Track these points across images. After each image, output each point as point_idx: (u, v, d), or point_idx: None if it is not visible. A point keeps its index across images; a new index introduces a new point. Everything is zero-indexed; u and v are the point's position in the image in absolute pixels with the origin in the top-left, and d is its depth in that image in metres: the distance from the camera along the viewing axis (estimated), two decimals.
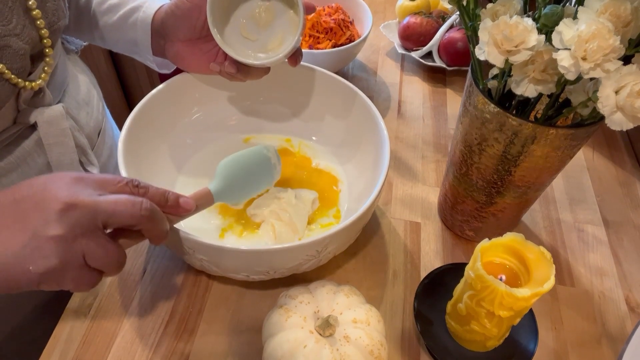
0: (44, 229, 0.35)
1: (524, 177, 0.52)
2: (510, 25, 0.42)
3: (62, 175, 0.38)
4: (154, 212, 0.39)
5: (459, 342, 0.52)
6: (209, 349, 0.53)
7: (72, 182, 0.37)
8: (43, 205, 0.36)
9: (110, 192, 0.39)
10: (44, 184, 0.37)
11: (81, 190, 0.37)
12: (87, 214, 0.36)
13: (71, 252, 0.36)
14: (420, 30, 0.88)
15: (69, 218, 0.35)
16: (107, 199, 0.37)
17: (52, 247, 0.35)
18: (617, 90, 0.39)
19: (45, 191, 0.36)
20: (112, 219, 0.37)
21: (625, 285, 0.61)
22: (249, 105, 0.69)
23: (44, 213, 0.35)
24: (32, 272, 0.35)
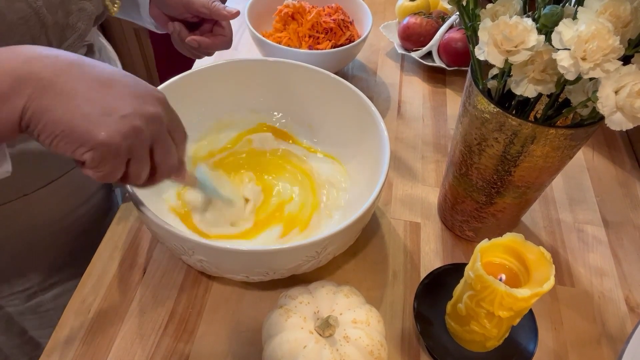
0: (139, 106, 0.35)
1: (524, 177, 0.52)
2: (510, 26, 0.42)
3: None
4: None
5: (458, 342, 0.52)
6: (209, 349, 0.53)
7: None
8: (137, 88, 0.36)
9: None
10: (136, 77, 0.38)
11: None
12: (171, 112, 0.39)
13: (146, 139, 0.36)
14: (420, 31, 0.88)
15: (164, 107, 0.37)
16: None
17: (135, 126, 0.34)
18: (617, 91, 0.39)
19: (136, 80, 0.37)
20: (178, 128, 0.40)
21: (625, 286, 0.61)
22: (249, 105, 0.69)
23: (138, 93, 0.36)
24: (95, 137, 0.33)
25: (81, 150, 0.33)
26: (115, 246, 0.60)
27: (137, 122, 0.35)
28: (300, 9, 0.82)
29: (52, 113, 0.32)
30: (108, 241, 0.61)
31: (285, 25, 0.83)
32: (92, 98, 0.33)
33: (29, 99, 0.32)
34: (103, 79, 0.34)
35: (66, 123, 0.32)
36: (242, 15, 0.82)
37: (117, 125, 0.34)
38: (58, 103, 0.32)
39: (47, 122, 0.32)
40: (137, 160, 0.36)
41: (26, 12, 0.45)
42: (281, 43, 0.80)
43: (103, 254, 0.60)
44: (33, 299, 0.69)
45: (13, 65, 0.32)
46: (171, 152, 0.39)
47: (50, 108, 0.32)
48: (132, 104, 0.35)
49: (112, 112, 0.34)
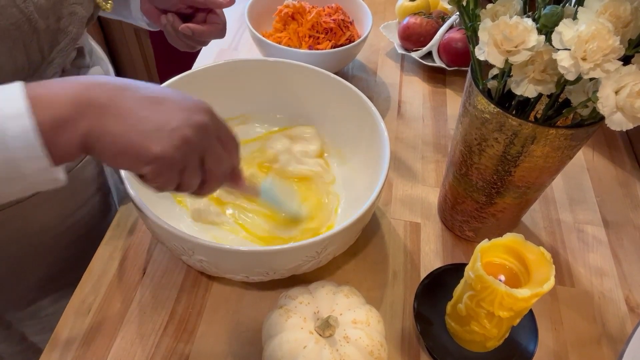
0: (186, 118, 0.37)
1: (524, 177, 0.52)
2: (510, 26, 0.42)
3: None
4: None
5: (458, 342, 0.52)
6: (209, 349, 0.53)
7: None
8: (185, 102, 0.38)
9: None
10: (183, 93, 0.40)
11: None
12: (219, 122, 0.40)
13: (196, 148, 0.38)
14: (420, 31, 0.88)
15: (210, 117, 0.39)
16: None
17: (185, 136, 0.36)
18: (617, 91, 0.39)
19: (183, 95, 0.39)
20: (227, 136, 0.41)
21: (625, 286, 0.61)
22: (249, 106, 0.69)
23: (186, 106, 0.38)
24: (151, 151, 0.35)
25: (140, 165, 0.36)
26: (115, 246, 0.60)
27: (186, 133, 0.37)
28: (300, 9, 0.82)
29: (111, 134, 0.35)
30: (108, 241, 0.61)
31: (285, 25, 0.83)
32: (145, 116, 0.36)
33: (90, 123, 0.34)
34: (153, 98, 0.37)
35: (124, 141, 0.35)
36: (242, 15, 0.82)
37: (169, 139, 0.36)
38: (115, 124, 0.35)
39: (108, 143, 0.35)
40: (189, 169, 0.38)
41: (18, 17, 0.45)
42: (281, 43, 0.80)
43: (103, 254, 0.60)
44: (32, 304, 0.68)
45: (75, 92, 0.34)
46: (221, 159, 0.41)
47: (109, 129, 0.35)
48: (180, 117, 0.37)
49: (163, 127, 0.36)
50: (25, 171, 0.33)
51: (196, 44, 0.62)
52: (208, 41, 0.63)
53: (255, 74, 0.66)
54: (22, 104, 0.32)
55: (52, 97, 0.34)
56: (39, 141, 0.32)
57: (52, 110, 0.33)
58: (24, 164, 0.33)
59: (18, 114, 0.32)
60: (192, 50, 0.65)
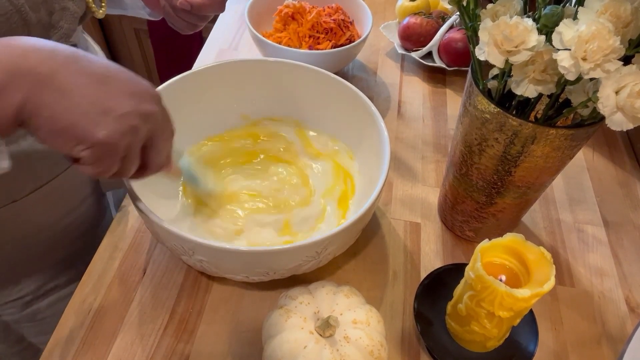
0: (136, 105, 0.35)
1: (524, 177, 0.52)
2: (510, 26, 0.42)
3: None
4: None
5: (459, 342, 0.52)
6: (209, 349, 0.53)
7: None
8: (134, 85, 0.36)
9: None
10: (131, 73, 0.38)
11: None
12: (165, 111, 0.40)
13: (142, 137, 0.36)
14: (420, 31, 0.88)
15: (159, 105, 0.38)
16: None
17: (132, 124, 0.35)
18: (617, 91, 0.39)
19: (133, 76, 0.37)
20: (168, 124, 0.40)
21: (625, 286, 0.61)
22: (248, 106, 0.69)
23: (136, 90, 0.36)
24: (94, 135, 0.33)
25: (79, 148, 0.34)
26: (115, 246, 0.60)
27: (134, 121, 0.35)
28: (300, 9, 0.82)
29: (50, 109, 0.32)
30: (108, 241, 0.61)
31: (286, 26, 0.83)
32: (91, 95, 0.33)
33: (26, 94, 0.32)
34: (100, 75, 0.34)
35: (65, 120, 0.32)
36: (242, 15, 0.82)
37: (116, 125, 0.34)
38: (57, 99, 0.32)
39: (46, 119, 0.32)
40: (130, 157, 0.37)
41: (7, 9, 0.44)
42: (281, 43, 0.80)
43: (103, 254, 0.60)
44: (29, 307, 0.68)
45: (9, 58, 0.31)
46: (163, 149, 0.40)
47: (48, 104, 0.32)
48: (130, 103, 0.35)
49: (110, 111, 0.34)
50: None
51: (197, 20, 0.61)
52: (209, 17, 0.62)
53: (255, 74, 0.66)
54: None
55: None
56: None
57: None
58: None
59: None
60: (193, 30, 0.64)
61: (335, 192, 0.64)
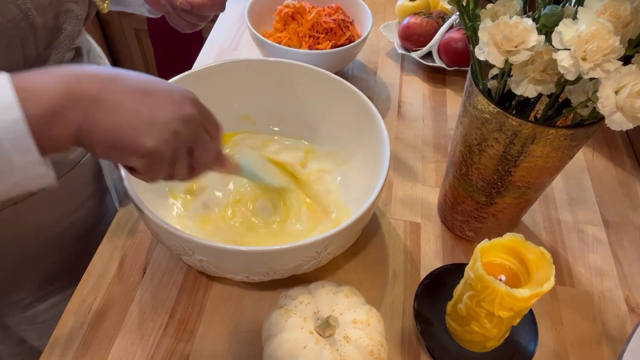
0: (176, 111, 0.38)
1: (524, 177, 0.52)
2: (510, 26, 0.42)
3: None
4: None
5: (459, 342, 0.52)
6: (209, 349, 0.53)
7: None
8: (172, 93, 0.39)
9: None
10: (169, 82, 0.40)
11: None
12: (204, 110, 0.41)
13: (186, 140, 0.39)
14: (420, 31, 0.88)
15: (197, 107, 0.40)
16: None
17: (175, 130, 0.37)
18: (617, 91, 0.39)
19: (170, 85, 0.40)
20: (211, 122, 0.42)
21: (625, 286, 0.61)
22: (248, 105, 0.69)
23: (174, 98, 0.38)
24: (144, 146, 0.36)
25: (132, 158, 0.37)
26: (115, 246, 0.60)
27: (176, 126, 0.37)
28: (300, 9, 0.82)
29: (103, 128, 0.35)
30: (108, 241, 0.61)
31: (286, 25, 0.83)
32: (136, 109, 0.36)
33: (81, 116, 0.35)
34: (140, 89, 0.37)
35: (117, 136, 0.36)
36: (242, 15, 0.82)
37: (161, 133, 0.37)
38: (107, 117, 0.35)
39: (101, 136, 0.35)
40: (179, 160, 0.39)
41: (15, 14, 0.45)
42: (281, 43, 0.80)
43: (103, 254, 0.60)
44: (29, 309, 0.68)
45: (65, 84, 0.34)
46: (209, 147, 0.42)
47: (100, 123, 0.35)
48: (170, 110, 0.38)
49: (154, 121, 0.37)
50: (14, 164, 0.33)
51: (197, 20, 0.62)
52: (208, 17, 0.62)
53: (255, 74, 0.66)
54: (10, 95, 0.32)
55: (41, 89, 0.34)
56: (28, 132, 0.32)
57: (42, 102, 0.33)
58: (13, 157, 0.33)
59: (6, 105, 0.32)
60: (193, 29, 0.64)
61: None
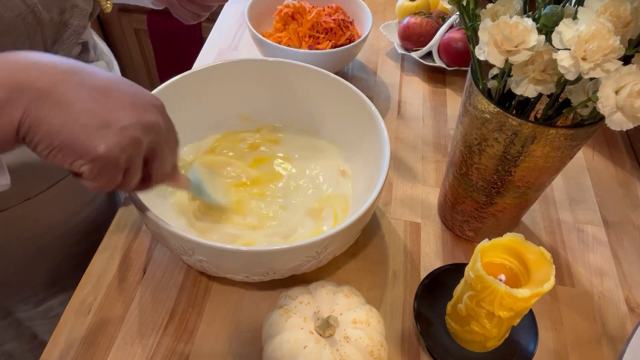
0: (138, 116, 0.34)
1: (524, 177, 0.52)
2: (510, 26, 0.42)
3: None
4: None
5: (459, 342, 0.52)
6: (209, 349, 0.53)
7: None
8: (136, 96, 0.35)
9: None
10: (134, 84, 0.37)
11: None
12: (168, 121, 0.39)
13: (143, 149, 0.35)
14: (420, 31, 0.88)
15: (162, 116, 0.37)
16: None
17: (134, 137, 0.34)
18: (617, 91, 0.39)
19: (135, 87, 0.36)
20: (172, 135, 0.40)
21: (625, 286, 0.61)
22: (248, 106, 0.69)
23: (137, 101, 0.35)
24: (95, 150, 0.32)
25: (79, 163, 0.33)
26: (115, 246, 0.60)
27: (136, 133, 0.34)
28: (300, 9, 0.82)
29: (49, 125, 0.31)
30: (108, 241, 0.61)
31: (286, 25, 0.83)
32: (91, 108, 0.32)
33: (25, 110, 0.31)
34: (101, 87, 0.34)
35: (64, 135, 0.32)
36: (242, 15, 0.82)
37: (116, 138, 0.33)
38: (56, 114, 0.31)
39: (45, 134, 0.31)
40: (132, 169, 0.36)
41: (22, 9, 0.45)
42: (281, 43, 0.80)
43: (103, 254, 0.60)
44: (42, 304, 0.69)
45: (9, 74, 0.31)
46: (166, 160, 0.39)
47: (47, 119, 0.31)
48: (131, 114, 0.34)
49: (111, 124, 0.33)
50: None
51: (200, 10, 0.61)
52: (212, 7, 0.62)
53: (255, 74, 0.66)
54: None
55: None
56: None
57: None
58: None
59: None
60: (197, 20, 0.63)
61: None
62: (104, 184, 0.35)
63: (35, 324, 0.71)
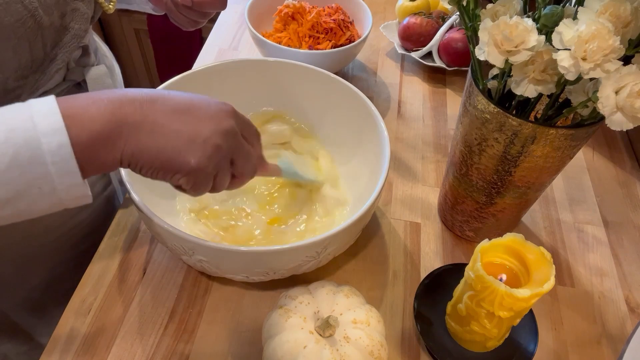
0: (215, 125, 0.39)
1: (524, 177, 0.52)
2: (510, 26, 0.42)
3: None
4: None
5: (459, 342, 0.52)
6: (209, 349, 0.53)
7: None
8: (210, 108, 0.40)
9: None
10: (205, 97, 0.42)
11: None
12: (243, 120, 0.43)
13: (227, 153, 0.40)
14: (420, 31, 0.88)
15: (235, 119, 0.41)
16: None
17: (216, 145, 0.38)
18: (617, 91, 0.39)
19: (207, 100, 0.41)
20: (250, 130, 0.44)
21: (625, 286, 0.61)
22: (249, 105, 0.69)
23: (212, 112, 0.40)
24: (188, 164, 0.38)
25: (177, 177, 0.39)
26: (115, 246, 0.60)
27: (216, 141, 0.39)
28: (300, 9, 0.82)
29: (148, 151, 0.37)
30: (108, 241, 0.61)
31: (286, 26, 0.83)
32: (177, 129, 0.38)
33: (126, 141, 0.36)
34: (181, 109, 0.39)
35: (162, 157, 0.37)
36: (242, 15, 0.82)
37: (202, 150, 0.38)
38: (151, 140, 0.37)
39: (146, 160, 0.37)
40: (221, 173, 0.41)
41: (22, 14, 0.45)
42: (281, 43, 0.80)
43: (103, 254, 0.60)
44: (38, 305, 0.68)
45: (109, 110, 0.36)
46: (249, 156, 0.43)
47: (145, 146, 0.37)
48: (209, 125, 0.39)
49: (195, 139, 0.38)
50: (58, 186, 0.34)
51: (198, 17, 0.62)
52: (210, 14, 0.62)
53: (255, 74, 0.66)
54: (57, 119, 0.33)
55: (86, 114, 0.35)
56: (73, 156, 0.34)
57: (88, 127, 0.35)
58: (58, 179, 0.34)
59: (54, 130, 0.33)
60: (195, 26, 0.64)
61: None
62: (199, 190, 0.40)
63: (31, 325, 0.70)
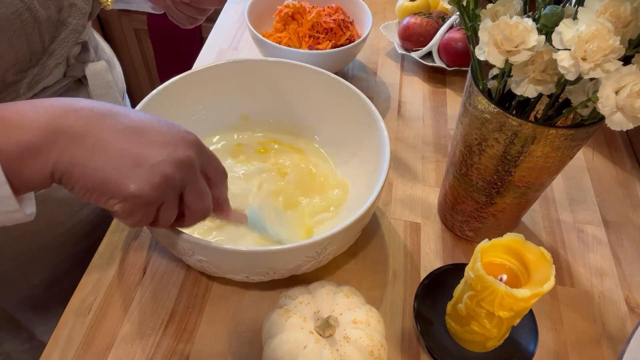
0: (169, 153, 0.35)
1: (524, 177, 0.52)
2: (510, 26, 0.42)
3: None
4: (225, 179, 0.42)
5: (459, 342, 0.52)
6: (209, 349, 0.53)
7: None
8: (169, 133, 0.36)
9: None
10: (168, 122, 0.38)
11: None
12: (206, 154, 0.38)
13: (176, 184, 0.36)
14: (420, 31, 0.88)
15: (196, 150, 0.37)
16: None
17: (164, 173, 0.34)
18: (617, 91, 0.39)
19: (169, 124, 0.37)
20: (214, 168, 0.39)
21: (625, 286, 0.61)
22: (248, 105, 0.69)
23: (170, 139, 0.35)
24: (126, 189, 0.33)
25: (112, 202, 0.34)
26: (116, 246, 0.60)
27: (167, 170, 0.34)
28: (300, 9, 0.82)
29: (83, 167, 0.33)
30: (108, 241, 0.61)
31: (286, 26, 0.83)
32: (123, 149, 0.33)
33: (60, 153, 0.32)
34: (134, 128, 0.35)
35: (98, 177, 0.33)
36: (242, 15, 0.82)
37: (147, 176, 0.34)
38: (89, 156, 0.33)
39: (80, 176, 0.33)
40: (166, 206, 0.36)
41: (18, 6, 0.45)
42: (281, 43, 0.80)
43: (103, 254, 0.60)
44: (40, 304, 0.68)
45: (49, 118, 0.32)
46: (202, 195, 0.38)
47: (81, 162, 0.32)
48: (162, 151, 0.35)
49: (142, 163, 0.34)
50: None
51: (197, 14, 0.61)
52: (209, 11, 0.62)
53: (255, 74, 0.66)
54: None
55: (21, 121, 0.31)
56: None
57: (19, 136, 0.31)
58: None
59: None
60: (193, 24, 0.64)
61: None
62: (137, 221, 0.36)
63: (33, 323, 0.71)
